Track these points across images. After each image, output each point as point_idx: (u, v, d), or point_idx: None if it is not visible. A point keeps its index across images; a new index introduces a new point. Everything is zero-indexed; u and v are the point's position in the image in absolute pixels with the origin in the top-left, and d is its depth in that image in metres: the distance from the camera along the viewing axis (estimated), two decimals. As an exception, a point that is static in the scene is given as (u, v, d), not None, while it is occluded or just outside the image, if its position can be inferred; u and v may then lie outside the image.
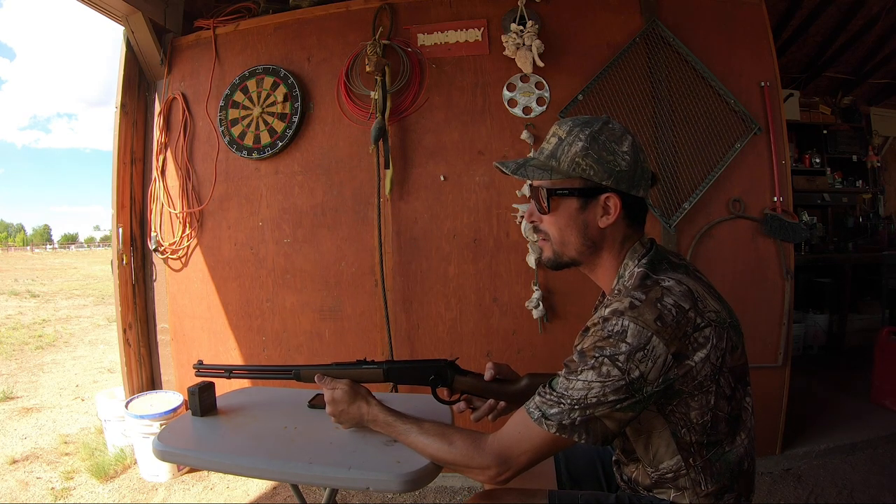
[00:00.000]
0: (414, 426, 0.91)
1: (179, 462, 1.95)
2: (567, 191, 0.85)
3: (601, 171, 0.83)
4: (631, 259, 0.87)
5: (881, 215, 4.50)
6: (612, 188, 0.83)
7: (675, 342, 0.74)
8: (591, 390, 0.75)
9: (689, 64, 2.05)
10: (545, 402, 0.79)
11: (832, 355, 3.70)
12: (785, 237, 2.05)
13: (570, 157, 0.84)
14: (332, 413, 1.00)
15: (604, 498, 0.93)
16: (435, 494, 2.07)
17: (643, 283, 0.80)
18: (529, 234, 1.99)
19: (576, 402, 0.76)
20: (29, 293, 10.00)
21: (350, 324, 2.21)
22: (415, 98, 2.13)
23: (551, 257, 0.92)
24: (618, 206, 0.84)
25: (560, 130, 0.87)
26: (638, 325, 0.74)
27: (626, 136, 0.85)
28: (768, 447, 2.15)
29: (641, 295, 0.77)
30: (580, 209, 0.86)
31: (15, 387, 3.72)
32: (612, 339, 0.75)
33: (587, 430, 0.77)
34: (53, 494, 2.10)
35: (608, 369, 0.74)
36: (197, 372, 1.16)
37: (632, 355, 0.74)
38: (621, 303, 0.77)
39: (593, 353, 0.76)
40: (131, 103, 2.45)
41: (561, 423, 0.77)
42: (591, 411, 0.76)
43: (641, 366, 0.74)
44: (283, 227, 2.27)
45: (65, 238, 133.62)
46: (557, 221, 0.88)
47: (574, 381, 0.77)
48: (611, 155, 0.83)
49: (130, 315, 2.45)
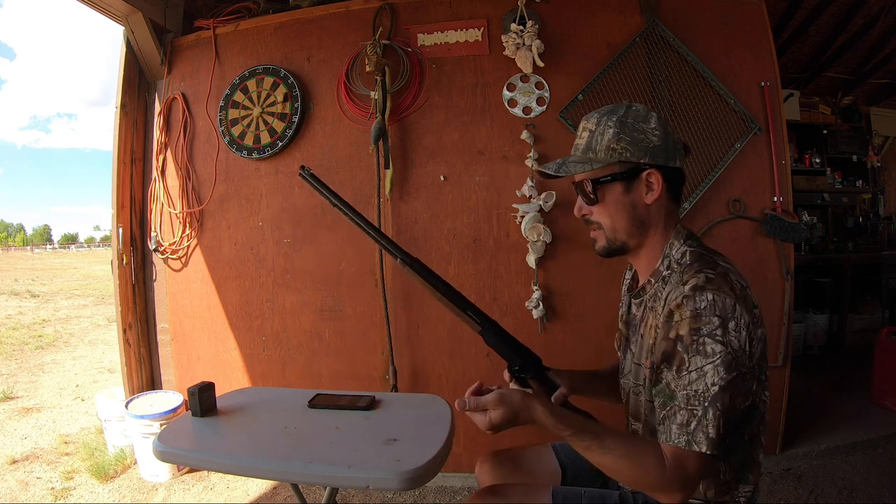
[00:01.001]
0: (594, 444, 0.81)
1: (179, 462, 1.95)
2: (610, 177, 0.88)
3: (637, 151, 0.86)
4: (676, 239, 0.90)
5: (881, 215, 4.50)
6: (650, 164, 0.86)
7: (748, 312, 0.77)
8: (706, 375, 0.75)
9: (689, 64, 2.05)
10: (682, 426, 0.76)
11: (832, 355, 3.70)
12: (785, 237, 2.05)
13: (605, 144, 0.87)
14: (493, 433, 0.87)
15: (608, 495, 0.93)
16: (435, 494, 2.07)
17: (703, 259, 0.84)
18: (529, 233, 1.99)
19: (702, 398, 0.75)
20: (29, 293, 10.00)
21: (350, 324, 2.21)
22: (415, 98, 2.13)
23: (605, 245, 0.93)
24: (660, 181, 0.87)
25: (588, 124, 0.91)
26: (722, 295, 0.76)
27: (651, 113, 0.88)
28: (768, 447, 2.13)
29: (710, 269, 0.80)
30: (625, 192, 0.88)
31: (15, 387, 3.72)
32: (703, 316, 0.76)
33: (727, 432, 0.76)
34: (53, 494, 2.10)
35: (712, 347, 0.75)
36: (302, 173, 1.13)
37: (726, 325, 0.76)
38: (696, 279, 0.79)
39: (692, 336, 0.77)
40: (131, 103, 2.45)
41: (709, 437, 0.75)
42: (721, 403, 0.75)
43: (737, 334, 0.76)
44: (283, 227, 2.27)
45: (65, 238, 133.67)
46: (607, 209, 0.90)
47: (687, 376, 0.77)
48: (641, 134, 0.86)
49: (130, 315, 2.45)
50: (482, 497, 0.96)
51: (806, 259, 3.68)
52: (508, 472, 1.10)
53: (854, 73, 4.22)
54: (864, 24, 3.50)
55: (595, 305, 2.03)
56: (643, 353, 0.90)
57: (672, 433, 0.78)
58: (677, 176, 0.90)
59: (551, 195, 1.99)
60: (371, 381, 2.18)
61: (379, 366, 2.18)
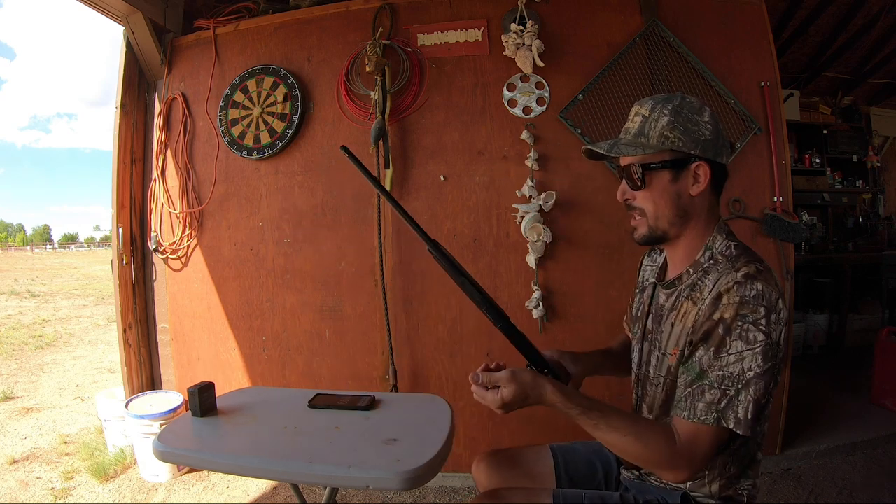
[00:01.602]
0: (602, 422, 0.82)
1: (179, 462, 1.95)
2: (660, 164, 0.88)
3: (689, 142, 0.86)
4: (719, 233, 0.90)
5: (881, 215, 4.50)
6: (700, 156, 0.87)
7: (786, 308, 0.80)
8: (745, 360, 0.77)
9: (689, 64, 2.05)
10: (712, 403, 0.78)
11: (832, 355, 3.70)
12: (785, 237, 2.05)
13: (659, 131, 0.87)
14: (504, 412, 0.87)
15: (608, 497, 0.93)
16: (435, 494, 2.07)
17: (750, 253, 0.86)
18: (529, 233, 1.99)
19: (737, 380, 0.77)
20: (29, 293, 10.00)
21: (350, 324, 2.21)
22: (415, 98, 2.13)
23: (646, 233, 0.92)
24: (707, 173, 0.87)
25: (643, 109, 0.90)
26: (768, 287, 0.79)
27: (705, 107, 0.88)
28: (768, 447, 2.14)
29: (760, 263, 0.82)
30: (672, 180, 0.88)
31: (15, 387, 3.72)
32: (750, 304, 0.78)
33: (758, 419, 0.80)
34: (53, 494, 2.10)
35: (754, 335, 0.77)
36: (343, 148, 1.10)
37: (769, 317, 0.77)
38: (748, 268, 0.81)
39: (737, 321, 0.78)
40: (131, 103, 2.45)
41: (737, 417, 0.77)
42: (755, 388, 0.77)
43: (776, 327, 0.78)
44: (283, 227, 2.27)
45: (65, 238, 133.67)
46: (652, 195, 0.90)
47: (725, 358, 0.78)
48: (695, 126, 0.86)
49: (130, 315, 2.45)
50: (483, 500, 0.96)
51: (806, 259, 3.69)
52: (506, 472, 1.10)
53: (854, 73, 4.22)
54: (864, 24, 3.50)
55: (595, 305, 2.03)
56: (670, 342, 0.90)
57: (697, 410, 0.79)
58: (723, 172, 0.91)
59: (551, 195, 1.99)
60: (371, 381, 2.18)
61: (379, 366, 2.18)
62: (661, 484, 0.91)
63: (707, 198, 0.90)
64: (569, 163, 2.05)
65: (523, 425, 2.04)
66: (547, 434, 1.58)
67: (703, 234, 0.90)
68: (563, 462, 1.10)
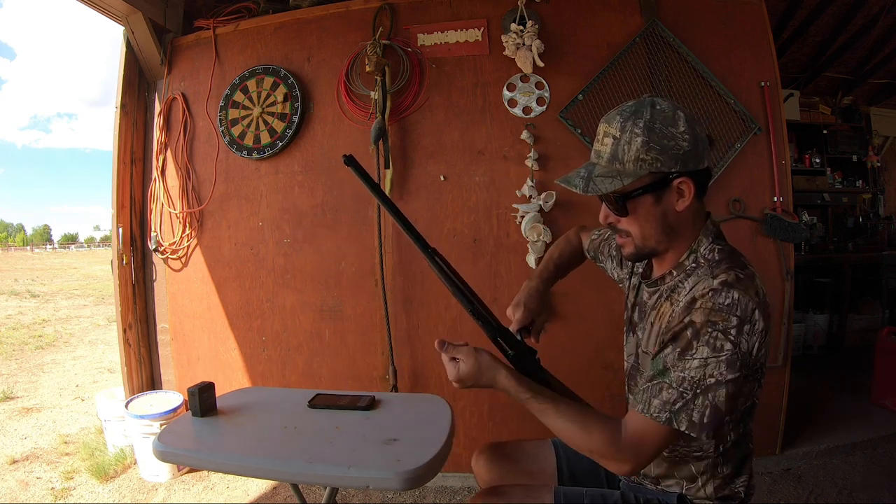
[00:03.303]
0: (550, 407, 0.84)
1: (179, 462, 1.95)
2: (640, 190, 0.83)
3: (668, 160, 0.81)
4: (704, 236, 0.88)
5: (881, 215, 4.50)
6: (682, 172, 0.82)
7: (767, 319, 0.78)
8: (707, 367, 0.76)
9: (689, 64, 2.05)
10: (667, 402, 0.77)
11: (832, 355, 3.70)
12: (785, 237, 2.05)
13: (633, 155, 0.81)
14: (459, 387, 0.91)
15: (609, 495, 0.93)
16: (435, 494, 2.07)
17: (734, 258, 0.84)
18: (529, 233, 1.99)
19: (696, 386, 0.76)
20: (29, 293, 10.00)
21: (350, 324, 2.21)
22: (415, 98, 2.13)
23: (633, 252, 0.90)
24: (692, 187, 0.83)
25: (612, 129, 0.84)
26: (745, 297, 0.77)
27: (678, 113, 0.83)
28: (768, 447, 2.14)
29: (741, 270, 0.80)
30: (655, 203, 0.84)
31: (15, 387, 3.72)
32: (722, 312, 0.76)
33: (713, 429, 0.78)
34: (53, 494, 2.10)
35: (722, 343, 0.76)
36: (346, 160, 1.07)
37: (741, 328, 0.76)
38: (727, 275, 0.79)
39: (707, 328, 0.76)
40: (131, 103, 2.45)
41: (691, 420, 0.76)
42: (714, 395, 0.76)
43: (748, 339, 0.76)
44: (283, 227, 2.27)
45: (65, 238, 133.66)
46: (637, 220, 0.87)
47: (689, 361, 0.77)
48: (671, 140, 0.81)
49: (130, 315, 2.45)
50: (483, 498, 0.96)
51: (806, 259, 3.68)
52: (506, 466, 1.10)
53: (854, 73, 4.21)
54: (864, 24, 3.50)
55: (595, 305, 2.03)
56: (650, 341, 0.91)
57: (652, 406, 0.78)
58: (706, 175, 0.87)
59: (551, 195, 1.99)
60: (371, 381, 2.18)
61: (379, 366, 2.18)
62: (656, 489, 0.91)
63: (693, 206, 0.86)
64: (569, 163, 2.05)
65: (524, 422, 2.04)
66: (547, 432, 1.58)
67: (689, 239, 0.89)
68: (564, 457, 1.10)
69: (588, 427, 0.81)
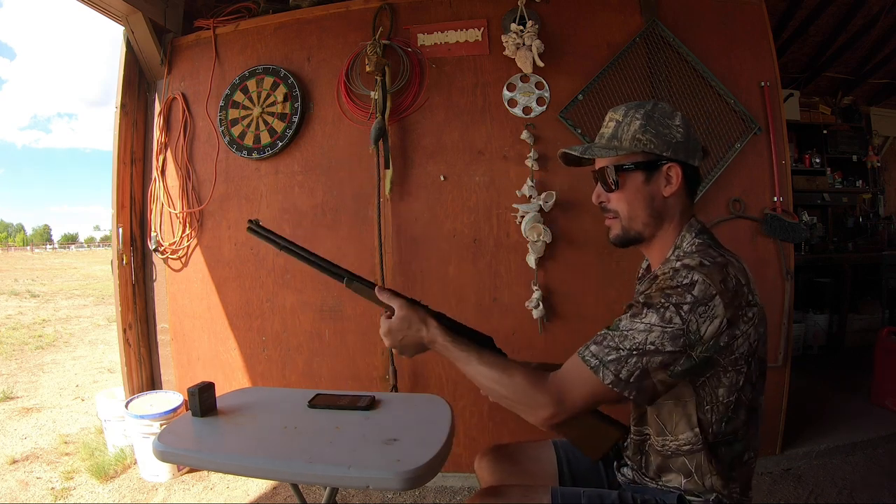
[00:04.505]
0: (473, 355, 0.91)
1: (179, 462, 1.95)
2: (632, 165, 0.91)
3: (660, 144, 0.89)
4: (688, 231, 0.92)
5: (881, 215, 4.50)
6: (672, 158, 0.90)
7: (731, 308, 0.79)
8: (651, 333, 0.79)
9: (689, 64, 2.05)
10: (603, 349, 0.81)
11: (832, 355, 3.70)
12: (785, 237, 2.05)
13: (631, 134, 0.90)
14: (391, 345, 1.00)
15: (606, 495, 0.93)
16: (435, 494, 2.07)
17: (707, 251, 0.85)
18: (529, 233, 1.99)
19: (635, 347, 0.79)
20: (29, 293, 10.00)
21: (350, 324, 2.21)
22: (415, 98, 2.13)
23: (620, 234, 0.95)
24: (679, 175, 0.90)
25: (616, 115, 0.94)
26: (707, 282, 0.79)
27: (677, 112, 0.92)
28: (768, 447, 2.14)
29: (709, 259, 0.82)
30: (645, 182, 0.91)
31: (15, 387, 3.72)
32: (679, 288, 0.79)
33: (639, 387, 0.79)
34: (53, 494, 2.10)
35: (671, 315, 0.78)
36: (249, 228, 1.13)
37: (695, 307, 0.78)
38: (692, 259, 0.82)
39: (660, 298, 0.80)
40: (131, 103, 2.45)
41: (618, 376, 0.79)
42: (648, 360, 0.78)
43: (701, 321, 0.78)
44: (283, 227, 2.27)
45: (65, 238, 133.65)
46: (626, 196, 0.92)
47: (637, 323, 0.80)
48: (666, 129, 0.90)
49: (130, 315, 2.45)
50: (481, 498, 0.96)
51: (806, 259, 3.68)
52: (508, 467, 1.11)
53: (854, 73, 4.22)
54: (864, 24, 3.50)
55: (595, 305, 2.03)
56: None
57: (588, 349, 0.83)
58: (695, 174, 0.93)
59: (551, 195, 1.99)
60: (371, 381, 2.18)
61: (379, 366, 2.18)
62: (657, 486, 0.91)
63: (680, 199, 0.92)
64: (569, 163, 2.05)
65: (524, 422, 2.04)
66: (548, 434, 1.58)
67: (675, 233, 0.92)
68: (565, 457, 1.10)
69: (509, 371, 0.87)
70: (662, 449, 0.89)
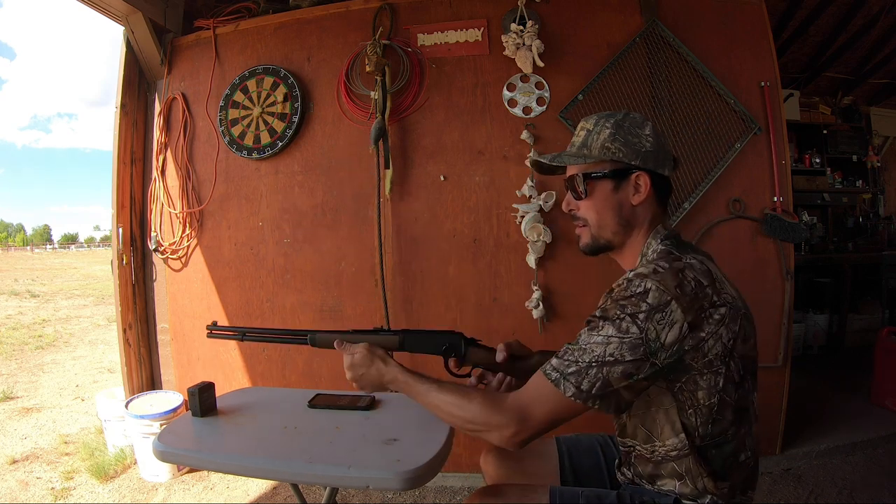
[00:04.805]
0: (433, 386, 0.92)
1: (180, 462, 1.95)
2: (601, 173, 0.92)
3: (629, 153, 0.90)
4: (654, 238, 0.92)
5: (881, 215, 4.50)
6: (640, 167, 0.91)
7: (691, 312, 0.78)
8: (610, 345, 0.79)
9: (689, 64, 2.05)
10: (563, 363, 0.82)
11: (832, 355, 3.70)
12: (785, 237, 2.05)
13: (600, 143, 0.91)
14: (352, 378, 1.02)
15: (605, 495, 0.93)
16: (435, 494, 2.07)
17: (666, 256, 0.86)
18: (529, 233, 1.99)
19: (594, 360, 0.79)
20: (29, 293, 10.00)
21: (350, 324, 2.20)
22: (415, 98, 2.13)
23: (589, 242, 0.97)
24: (647, 184, 0.91)
25: (587, 124, 0.95)
26: (660, 289, 0.79)
27: (647, 122, 0.93)
28: (768, 447, 2.14)
29: (665, 264, 0.83)
30: (614, 190, 0.92)
31: (15, 387, 3.72)
32: (634, 298, 0.80)
33: (602, 396, 0.80)
34: (53, 494, 2.10)
35: (627, 325, 0.79)
36: (209, 333, 1.15)
37: (651, 315, 0.78)
38: (646, 268, 0.84)
39: (615, 310, 0.81)
40: (131, 103, 2.45)
41: (579, 388, 0.80)
42: (608, 370, 0.79)
43: (659, 328, 0.78)
44: (283, 227, 2.27)
45: (65, 238, 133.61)
46: (595, 204, 0.94)
47: (595, 336, 0.81)
48: (636, 138, 0.91)
49: (130, 315, 2.45)
50: (480, 497, 0.96)
51: (806, 259, 3.68)
52: (512, 464, 1.12)
53: (854, 73, 4.22)
54: (864, 24, 3.50)
55: (595, 305, 2.02)
56: None
57: (550, 364, 0.83)
58: (665, 184, 0.94)
59: (551, 195, 1.99)
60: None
61: (379, 366, 2.18)
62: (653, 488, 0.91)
63: (649, 208, 0.93)
64: (569, 163, 2.05)
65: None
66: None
67: (643, 242, 0.93)
68: (567, 453, 1.10)
69: (468, 395, 0.88)
70: (652, 456, 0.89)
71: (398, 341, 1.08)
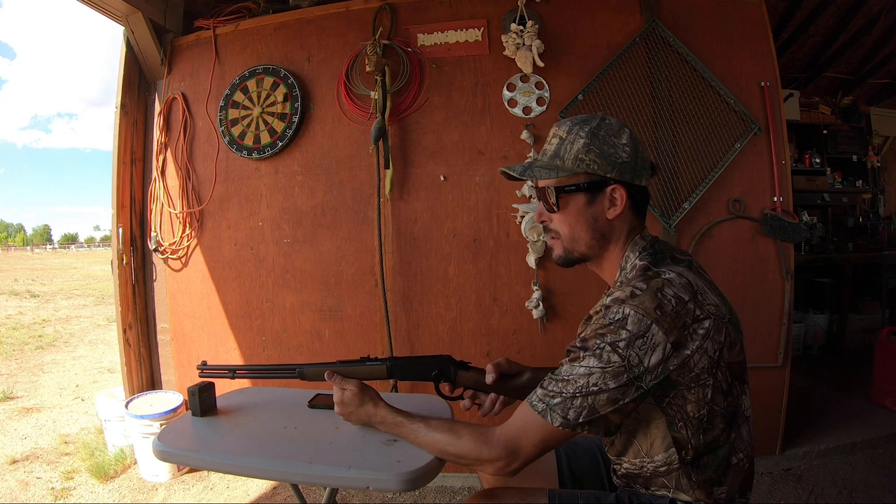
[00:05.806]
0: (421, 424, 0.92)
1: (179, 462, 1.95)
2: (574, 187, 0.87)
3: (605, 165, 0.85)
4: (632, 251, 0.89)
5: (881, 215, 4.49)
6: (616, 179, 0.86)
7: (674, 332, 0.76)
8: (592, 376, 0.77)
9: (689, 64, 2.05)
10: (548, 394, 0.80)
11: (832, 355, 3.70)
12: (785, 237, 2.05)
13: (574, 154, 0.86)
14: (340, 413, 1.02)
15: (604, 497, 0.93)
16: (435, 494, 2.07)
17: (644, 274, 0.83)
18: (529, 233, 1.99)
19: (577, 390, 0.78)
20: (29, 293, 10.00)
21: (350, 324, 2.21)
22: (415, 98, 2.13)
23: (562, 254, 0.93)
24: (624, 197, 0.87)
25: (560, 131, 0.89)
26: (638, 314, 0.77)
27: (624, 129, 0.88)
28: (768, 447, 2.15)
29: (642, 285, 0.80)
30: (588, 203, 0.88)
31: (15, 387, 3.72)
32: (612, 325, 0.78)
33: (590, 422, 0.79)
34: (53, 494, 2.10)
35: (609, 356, 0.77)
36: (201, 373, 1.15)
37: (632, 342, 0.76)
38: (623, 292, 0.80)
39: (595, 340, 0.78)
40: (131, 103, 2.45)
41: (566, 417, 0.78)
42: (594, 399, 0.77)
43: (641, 353, 0.76)
44: (283, 227, 2.27)
45: (65, 238, 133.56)
46: (567, 218, 0.89)
47: (576, 367, 0.79)
48: (612, 148, 0.86)
49: (130, 315, 2.45)
50: (478, 500, 0.96)
51: (806, 259, 3.68)
52: None
53: (854, 73, 4.22)
54: (864, 24, 3.50)
55: (595, 305, 2.03)
56: None
57: (535, 394, 0.82)
58: (642, 194, 0.90)
59: (551, 195, 1.99)
60: (371, 381, 2.18)
61: (379, 366, 2.18)
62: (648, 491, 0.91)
63: (626, 220, 0.89)
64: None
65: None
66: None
67: (622, 254, 0.90)
68: (565, 456, 1.10)
69: (456, 431, 0.88)
70: (641, 471, 0.88)
71: (386, 370, 1.07)
